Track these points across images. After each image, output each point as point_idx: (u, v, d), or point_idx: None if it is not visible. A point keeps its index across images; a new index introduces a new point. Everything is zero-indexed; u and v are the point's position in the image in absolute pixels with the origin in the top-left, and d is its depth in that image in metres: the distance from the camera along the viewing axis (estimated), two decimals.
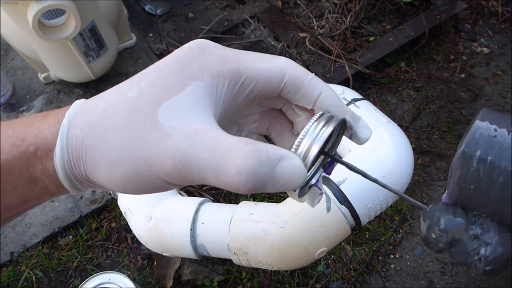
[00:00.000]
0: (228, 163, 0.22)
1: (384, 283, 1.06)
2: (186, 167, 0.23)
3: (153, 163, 0.23)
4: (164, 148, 0.23)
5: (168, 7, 1.58)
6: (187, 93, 0.24)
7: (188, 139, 0.23)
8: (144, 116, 0.23)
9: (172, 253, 0.54)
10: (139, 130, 0.23)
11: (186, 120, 0.23)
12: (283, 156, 0.23)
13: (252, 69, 0.26)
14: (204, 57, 0.25)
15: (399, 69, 1.47)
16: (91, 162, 0.24)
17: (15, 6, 0.87)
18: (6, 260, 1.02)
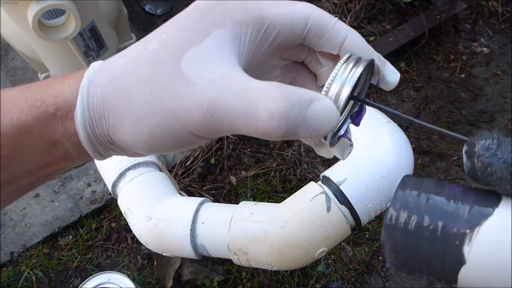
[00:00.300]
0: (258, 107, 0.21)
1: (384, 283, 1.06)
2: (215, 115, 0.22)
3: (179, 114, 0.22)
4: (191, 97, 0.22)
5: (168, 7, 1.58)
6: (210, 41, 0.23)
7: (215, 86, 0.22)
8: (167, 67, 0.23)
9: (172, 253, 0.54)
10: (163, 82, 0.22)
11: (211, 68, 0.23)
12: (314, 98, 0.22)
13: (274, 15, 0.25)
14: (224, 5, 0.24)
15: (399, 69, 1.47)
16: (114, 119, 0.23)
17: (15, 6, 0.87)
18: (6, 260, 1.02)
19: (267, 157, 1.22)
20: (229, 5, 0.24)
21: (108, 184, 0.59)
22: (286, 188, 1.17)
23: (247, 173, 1.17)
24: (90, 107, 0.23)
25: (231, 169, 1.19)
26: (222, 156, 1.19)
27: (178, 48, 0.23)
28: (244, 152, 1.22)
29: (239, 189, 1.16)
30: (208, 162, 1.18)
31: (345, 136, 0.28)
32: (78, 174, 1.14)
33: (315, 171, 1.20)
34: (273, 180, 1.17)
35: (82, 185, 1.12)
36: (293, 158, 1.21)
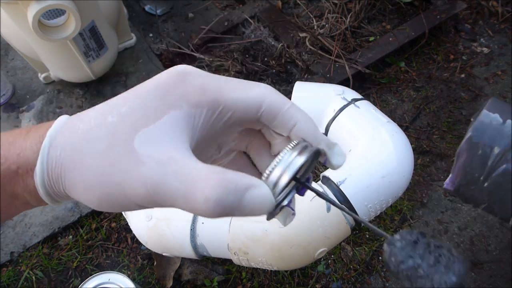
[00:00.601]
0: (196, 192, 0.23)
1: (384, 283, 1.06)
2: (157, 194, 0.23)
3: (126, 189, 0.24)
4: (137, 175, 0.24)
5: (168, 7, 1.58)
6: (165, 121, 0.25)
7: (160, 167, 0.23)
8: (121, 142, 0.24)
9: (172, 253, 0.54)
10: (115, 156, 0.24)
11: (161, 149, 0.24)
12: (251, 185, 0.24)
13: (230, 99, 0.26)
14: (184, 86, 0.26)
15: (399, 69, 1.47)
16: (70, 183, 0.25)
17: (15, 6, 0.87)
18: (6, 260, 1.02)
19: None
20: (188, 86, 0.26)
21: None
22: None
23: None
24: (49, 168, 0.25)
25: None
26: None
27: (134, 126, 0.24)
28: None
29: None
30: None
31: (289, 206, 0.29)
32: None
33: (315, 171, 1.20)
34: None
35: None
36: None
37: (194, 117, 0.26)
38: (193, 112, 0.26)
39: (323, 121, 0.55)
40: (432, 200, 1.20)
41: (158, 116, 0.25)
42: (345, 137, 0.53)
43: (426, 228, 1.15)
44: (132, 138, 0.24)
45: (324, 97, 0.55)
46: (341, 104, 0.54)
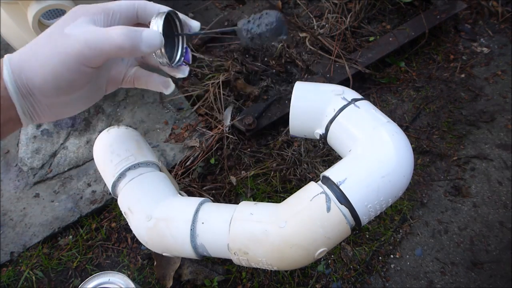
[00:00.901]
0: (111, 34, 0.38)
1: (384, 283, 1.06)
2: (87, 47, 0.38)
3: (68, 52, 0.38)
4: (71, 41, 0.38)
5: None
6: (78, 20, 0.40)
7: (84, 33, 0.38)
8: (56, 33, 0.39)
9: (172, 253, 0.54)
10: (55, 39, 0.38)
11: (80, 27, 0.39)
12: (144, 28, 0.40)
13: (116, 6, 0.42)
14: (85, 7, 0.41)
15: (399, 69, 1.47)
16: (29, 69, 0.37)
17: (15, 6, 0.87)
18: (6, 260, 1.02)
19: (267, 157, 1.22)
20: (88, 7, 0.41)
21: (108, 184, 0.59)
22: (286, 188, 1.17)
23: (247, 173, 1.17)
24: (12, 69, 0.37)
25: (231, 169, 1.19)
26: (222, 156, 1.19)
27: (61, 27, 0.39)
28: (244, 152, 1.22)
29: (239, 189, 1.16)
30: (208, 162, 1.18)
31: (182, 64, 0.48)
32: (78, 174, 1.14)
33: (315, 171, 1.20)
34: (273, 180, 1.17)
35: (82, 185, 1.12)
36: (293, 158, 1.21)
37: (95, 20, 0.40)
38: (93, 17, 0.40)
39: (323, 121, 0.55)
40: (432, 200, 1.20)
41: (74, 20, 0.39)
42: (345, 137, 0.53)
43: (426, 228, 1.15)
44: (62, 30, 0.39)
45: (324, 97, 0.55)
46: (341, 104, 0.54)
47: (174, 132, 1.22)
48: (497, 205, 1.18)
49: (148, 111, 1.26)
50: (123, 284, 0.72)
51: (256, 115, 1.22)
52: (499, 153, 1.28)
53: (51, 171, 1.14)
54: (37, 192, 1.11)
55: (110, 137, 0.61)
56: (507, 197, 1.19)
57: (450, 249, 1.11)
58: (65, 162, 1.16)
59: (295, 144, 1.24)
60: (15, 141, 1.19)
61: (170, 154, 1.18)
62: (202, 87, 1.28)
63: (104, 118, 1.24)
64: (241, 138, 1.24)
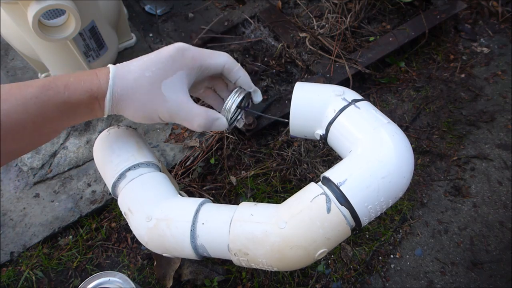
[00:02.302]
0: (194, 121, 0.51)
1: (384, 283, 1.06)
2: (174, 118, 0.50)
3: (158, 113, 0.49)
4: (165, 106, 0.49)
5: (168, 7, 1.58)
6: (176, 76, 0.49)
7: (177, 105, 0.49)
8: (154, 88, 0.48)
9: (172, 253, 0.54)
10: (152, 96, 0.48)
11: (176, 93, 0.49)
12: (218, 117, 0.53)
13: (207, 63, 0.52)
14: (184, 56, 0.50)
15: (399, 69, 1.47)
16: (124, 107, 0.49)
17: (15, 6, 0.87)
18: (6, 260, 1.02)
19: (267, 157, 1.22)
20: (186, 57, 0.50)
21: (108, 185, 0.59)
22: (286, 188, 1.17)
23: (247, 173, 1.17)
24: (113, 97, 0.47)
25: (231, 169, 1.19)
26: (222, 156, 1.19)
27: (160, 78, 0.48)
28: (244, 152, 1.22)
29: (239, 189, 1.16)
30: (208, 162, 1.18)
31: (241, 119, 0.61)
32: (78, 174, 1.14)
33: (315, 171, 1.20)
34: (273, 180, 1.17)
35: (82, 185, 1.12)
36: (293, 158, 1.21)
37: (189, 74, 0.51)
38: (189, 72, 0.50)
39: (323, 122, 0.55)
40: (432, 200, 1.20)
41: (172, 73, 0.49)
42: (345, 137, 0.53)
43: (426, 228, 1.15)
44: (160, 86, 0.48)
45: (324, 98, 0.55)
46: (341, 104, 0.54)
47: (174, 132, 1.22)
48: (497, 205, 1.18)
49: None
50: (123, 284, 0.72)
51: (256, 115, 1.22)
52: (499, 153, 1.28)
53: (51, 171, 1.14)
54: (37, 192, 1.11)
55: (110, 137, 0.61)
56: (507, 197, 1.19)
57: (450, 249, 1.11)
58: (65, 162, 1.16)
59: (295, 144, 1.24)
60: None
61: (170, 154, 1.18)
62: None
63: (104, 119, 1.23)
64: (241, 138, 1.24)
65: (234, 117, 0.59)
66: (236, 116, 0.59)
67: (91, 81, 0.46)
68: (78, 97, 0.45)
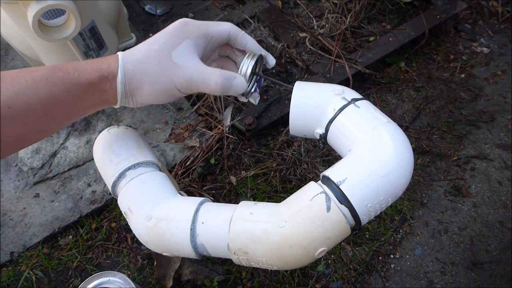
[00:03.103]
0: (210, 80, 0.49)
1: (384, 283, 1.06)
2: (190, 83, 0.48)
3: (175, 82, 0.48)
4: (180, 74, 0.48)
5: (168, 7, 1.58)
6: (184, 45, 0.49)
7: (190, 69, 0.48)
8: (165, 57, 0.47)
9: (172, 253, 0.54)
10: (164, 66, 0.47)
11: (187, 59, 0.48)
12: (235, 76, 0.51)
13: (213, 31, 0.51)
14: (188, 27, 0.50)
15: (399, 69, 1.47)
16: (137, 82, 0.47)
17: (15, 6, 0.87)
18: (6, 260, 1.02)
19: (267, 157, 1.22)
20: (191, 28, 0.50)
21: (108, 184, 0.59)
22: (286, 188, 1.17)
23: (247, 173, 1.17)
24: (125, 74, 0.47)
25: (231, 169, 1.19)
26: (222, 156, 1.19)
27: (170, 48, 0.48)
28: (244, 152, 1.22)
29: (239, 189, 1.16)
30: (208, 162, 1.18)
31: (255, 91, 0.58)
32: (78, 174, 1.14)
33: (315, 171, 1.20)
34: (273, 180, 1.17)
35: (82, 185, 1.12)
36: (293, 158, 1.21)
37: (197, 43, 0.50)
38: (196, 40, 0.50)
39: (323, 121, 0.55)
40: (432, 200, 1.20)
41: (180, 43, 0.48)
42: (345, 136, 0.53)
43: (426, 228, 1.15)
44: (169, 55, 0.47)
45: (324, 97, 0.55)
46: (341, 104, 0.54)
47: (174, 132, 1.22)
48: (497, 205, 1.18)
49: (148, 111, 1.26)
50: (123, 284, 0.72)
51: (256, 115, 1.22)
52: (499, 153, 1.28)
53: (51, 171, 1.14)
54: (37, 192, 1.11)
55: (110, 137, 0.61)
56: (507, 197, 1.19)
57: (450, 249, 1.11)
58: (65, 162, 1.16)
59: (295, 144, 1.24)
60: None
61: (170, 154, 1.18)
62: None
63: (104, 118, 1.24)
64: (241, 138, 1.24)
65: (251, 84, 0.57)
66: (253, 84, 0.58)
67: (101, 63, 0.46)
68: (88, 76, 0.45)
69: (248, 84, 0.54)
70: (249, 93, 0.56)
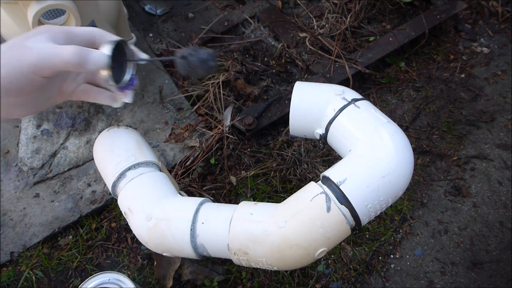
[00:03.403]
0: (64, 51, 0.43)
1: (384, 283, 1.06)
2: (42, 60, 0.43)
3: (23, 59, 0.42)
4: (29, 53, 0.42)
5: (168, 7, 1.58)
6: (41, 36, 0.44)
7: (42, 48, 0.43)
8: (17, 44, 0.43)
9: (172, 253, 0.54)
10: (15, 49, 0.43)
11: (40, 43, 0.43)
12: (94, 50, 0.45)
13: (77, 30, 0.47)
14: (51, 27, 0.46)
15: (399, 69, 1.47)
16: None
17: (15, 6, 0.87)
18: (6, 260, 1.02)
19: (267, 157, 1.22)
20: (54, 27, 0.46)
21: (108, 184, 0.59)
22: (286, 188, 1.17)
23: (247, 173, 1.17)
24: None
25: (231, 169, 1.19)
26: (222, 156, 1.19)
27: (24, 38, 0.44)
28: (244, 152, 1.22)
29: (239, 189, 1.16)
30: (208, 162, 1.18)
31: (128, 88, 0.52)
32: (78, 174, 1.14)
33: (315, 171, 1.20)
34: (273, 180, 1.17)
35: (82, 185, 1.12)
36: (293, 158, 1.21)
37: (56, 38, 0.45)
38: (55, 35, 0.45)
39: (323, 121, 0.55)
40: (432, 200, 1.20)
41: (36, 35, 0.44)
42: (345, 137, 0.53)
43: (426, 228, 1.15)
44: (22, 43, 0.43)
45: (324, 97, 0.55)
46: (341, 104, 0.54)
47: (174, 132, 1.22)
48: (497, 205, 1.18)
49: (148, 111, 1.26)
50: (123, 284, 0.72)
51: (256, 115, 1.22)
52: (499, 153, 1.28)
53: (51, 171, 1.14)
54: (37, 192, 1.11)
55: (110, 137, 0.61)
56: (507, 197, 1.19)
57: (450, 249, 1.11)
58: (65, 162, 1.16)
59: (295, 144, 1.24)
60: (15, 141, 1.19)
61: (170, 154, 1.18)
62: (202, 87, 1.28)
63: (104, 118, 1.24)
64: (241, 138, 1.24)
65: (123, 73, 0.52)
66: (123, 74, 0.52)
67: None
68: None
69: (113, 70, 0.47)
70: (121, 84, 0.51)
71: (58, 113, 1.23)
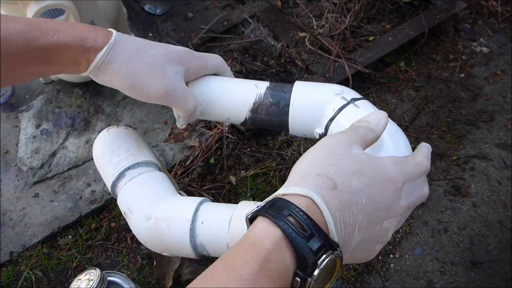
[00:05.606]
0: (190, 100, 0.51)
1: (384, 283, 1.06)
2: (168, 94, 0.48)
3: (151, 85, 0.47)
4: (161, 81, 0.47)
5: (168, 6, 1.58)
6: (177, 67, 0.50)
7: (174, 82, 0.49)
8: (155, 64, 0.47)
9: (171, 253, 0.54)
10: (151, 68, 0.47)
11: (174, 76, 0.49)
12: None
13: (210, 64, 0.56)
14: (191, 54, 0.52)
15: (398, 68, 1.47)
16: (116, 67, 0.46)
17: (14, 6, 0.87)
18: (5, 260, 1.02)
19: (267, 157, 1.22)
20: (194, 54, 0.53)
21: (107, 184, 0.59)
22: None
23: (247, 173, 1.17)
24: (108, 53, 0.45)
25: (231, 169, 1.19)
26: (222, 156, 1.19)
27: (163, 61, 0.48)
28: (243, 152, 1.22)
29: (238, 188, 1.16)
30: (208, 162, 1.18)
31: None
32: (78, 174, 1.14)
33: None
34: (272, 180, 1.17)
35: (81, 185, 1.12)
36: (293, 158, 1.21)
37: (188, 72, 0.52)
38: (190, 71, 0.52)
39: (322, 121, 0.55)
40: (432, 200, 1.20)
41: (174, 63, 0.49)
42: None
43: (425, 228, 1.15)
44: (159, 66, 0.47)
45: (323, 97, 0.55)
46: (341, 103, 0.54)
47: (173, 132, 1.22)
48: (497, 205, 1.18)
49: (147, 111, 1.26)
50: (123, 284, 0.72)
51: None
52: (498, 153, 1.28)
53: (51, 171, 1.14)
54: (37, 192, 1.11)
55: (110, 137, 0.61)
56: (506, 196, 1.19)
57: (450, 249, 1.11)
58: (64, 162, 1.16)
59: (294, 143, 1.24)
60: (14, 141, 1.19)
61: (169, 154, 1.18)
62: None
63: (103, 118, 1.24)
64: (241, 138, 1.24)
65: None
66: None
67: (88, 31, 0.44)
68: (68, 43, 0.43)
69: None
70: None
71: (57, 113, 1.23)
